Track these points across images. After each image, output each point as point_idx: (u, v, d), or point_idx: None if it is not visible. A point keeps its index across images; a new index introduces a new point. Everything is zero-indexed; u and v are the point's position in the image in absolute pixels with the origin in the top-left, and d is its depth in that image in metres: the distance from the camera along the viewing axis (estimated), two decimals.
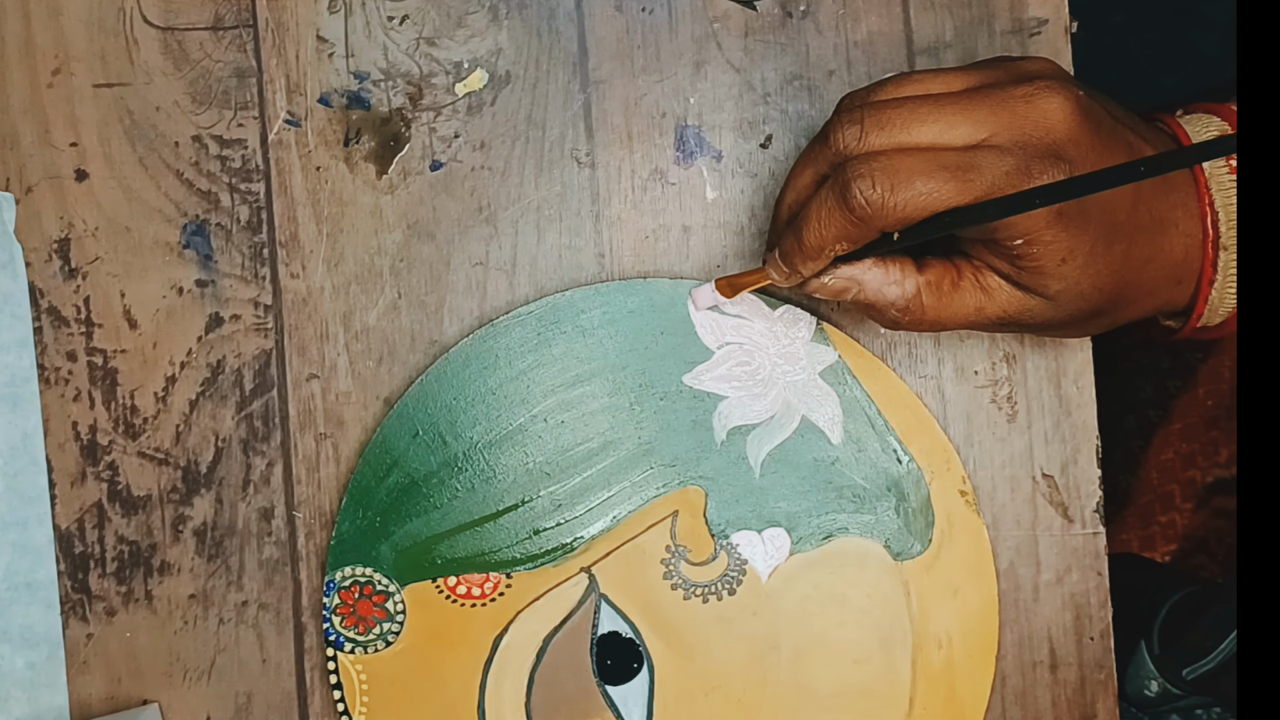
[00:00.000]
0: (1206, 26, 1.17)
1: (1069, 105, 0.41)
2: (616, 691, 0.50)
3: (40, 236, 0.52)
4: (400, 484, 0.51)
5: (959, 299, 0.44)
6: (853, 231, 0.42)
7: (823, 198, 0.42)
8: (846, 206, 0.41)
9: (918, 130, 0.41)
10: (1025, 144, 0.41)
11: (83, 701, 0.51)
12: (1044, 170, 0.40)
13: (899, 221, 0.41)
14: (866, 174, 0.41)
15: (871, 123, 0.42)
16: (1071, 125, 0.41)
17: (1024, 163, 0.40)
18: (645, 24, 0.52)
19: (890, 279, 0.44)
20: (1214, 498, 0.76)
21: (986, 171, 0.40)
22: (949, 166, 0.41)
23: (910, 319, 0.45)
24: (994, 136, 0.41)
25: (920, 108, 0.42)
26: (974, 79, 0.43)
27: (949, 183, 0.40)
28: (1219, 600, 0.65)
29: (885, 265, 0.44)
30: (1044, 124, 0.41)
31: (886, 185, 0.41)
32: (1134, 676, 0.68)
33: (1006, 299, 0.44)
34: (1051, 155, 0.41)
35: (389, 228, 0.52)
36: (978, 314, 0.44)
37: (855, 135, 0.42)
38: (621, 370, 0.51)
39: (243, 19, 0.52)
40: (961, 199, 0.40)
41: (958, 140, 0.41)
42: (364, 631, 0.50)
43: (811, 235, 0.43)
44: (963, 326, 0.45)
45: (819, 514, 0.51)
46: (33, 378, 0.51)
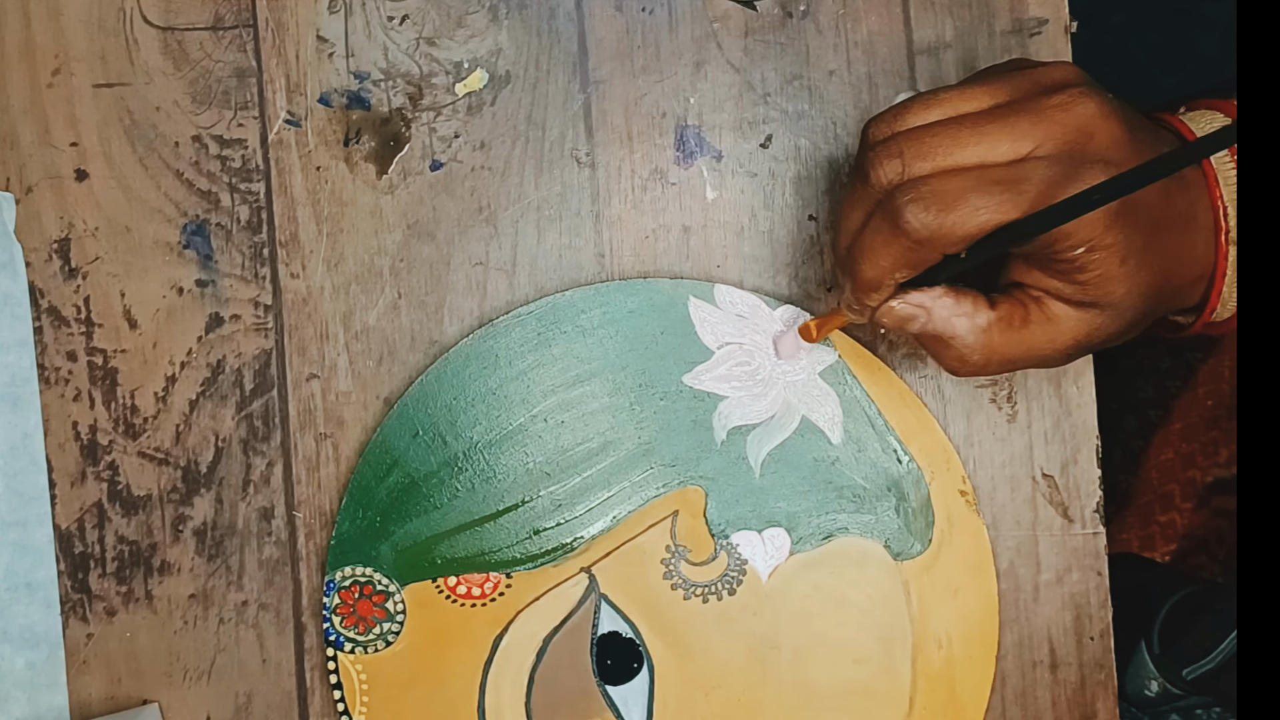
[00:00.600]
0: (1206, 26, 1.17)
1: (1105, 109, 0.41)
2: (616, 691, 0.50)
3: (40, 236, 0.52)
4: (400, 484, 0.51)
5: (1030, 334, 0.43)
6: (910, 257, 0.41)
7: (874, 228, 0.42)
8: (902, 232, 0.41)
9: (962, 155, 0.41)
10: (1070, 152, 0.41)
11: (83, 701, 0.51)
12: (1094, 175, 0.40)
13: (958, 241, 0.41)
14: (917, 198, 0.40)
15: (913, 153, 0.41)
16: (1110, 128, 0.41)
17: (1073, 169, 0.40)
18: (645, 24, 0.52)
19: (961, 310, 0.44)
20: (1214, 497, 0.76)
21: (1038, 182, 0.40)
22: (1000, 180, 0.40)
23: (981, 356, 0.44)
24: (1039, 149, 0.41)
25: (960, 131, 0.41)
26: (1001, 93, 0.43)
27: (1002, 195, 0.40)
28: (1219, 600, 0.65)
29: (956, 296, 0.44)
30: (1085, 130, 0.41)
31: (940, 205, 0.40)
32: (1134, 676, 0.68)
33: (1075, 324, 0.43)
34: (1098, 160, 0.40)
35: (389, 228, 0.52)
36: (1049, 345, 0.44)
37: (897, 170, 0.41)
38: (621, 370, 0.51)
39: (243, 19, 0.52)
40: (1018, 210, 0.40)
41: (1003, 158, 0.41)
42: (364, 631, 0.50)
43: (868, 268, 0.42)
44: (1033, 364, 0.44)
45: (819, 514, 0.51)
46: (33, 378, 0.51)
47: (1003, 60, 0.48)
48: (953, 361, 0.44)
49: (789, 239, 0.52)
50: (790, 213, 0.52)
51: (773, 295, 0.51)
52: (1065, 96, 0.41)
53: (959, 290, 0.44)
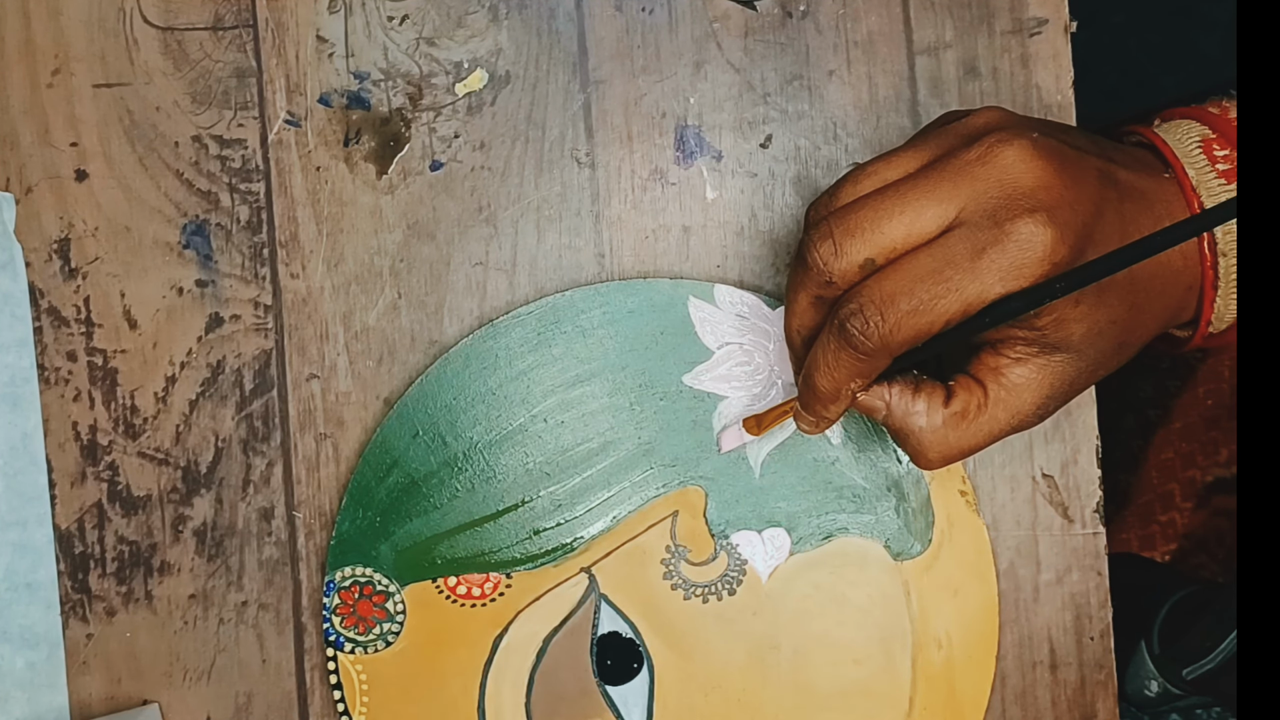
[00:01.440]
0: (1206, 26, 1.17)
1: (1025, 152, 0.40)
2: (616, 691, 0.50)
3: (40, 236, 0.52)
4: (400, 484, 0.51)
5: (989, 419, 0.43)
6: (862, 368, 0.42)
7: (824, 343, 0.42)
8: (849, 346, 0.41)
9: (889, 228, 0.40)
10: (994, 209, 0.40)
11: (83, 701, 0.51)
12: (1019, 229, 0.39)
13: (903, 344, 0.40)
14: (856, 310, 0.40)
15: (841, 232, 0.41)
16: (1034, 171, 0.40)
17: (998, 229, 0.39)
18: (645, 24, 0.52)
19: (916, 409, 0.44)
20: (1214, 497, 0.76)
21: (961, 256, 0.40)
22: (925, 275, 0.40)
23: (938, 455, 0.44)
24: (963, 211, 0.40)
25: (883, 203, 0.41)
26: (927, 153, 0.42)
27: (931, 290, 0.40)
28: (1219, 600, 0.65)
29: (914, 393, 0.44)
30: (1006, 180, 0.40)
31: (877, 316, 0.40)
32: (1134, 676, 0.68)
33: (1038, 383, 0.43)
34: (1024, 209, 0.40)
35: (389, 228, 0.52)
36: (1014, 418, 0.43)
37: (830, 250, 0.41)
38: (621, 370, 0.51)
39: (243, 19, 0.52)
40: (950, 300, 0.40)
41: (930, 227, 0.40)
42: (364, 631, 0.50)
43: (824, 380, 0.43)
44: (1003, 437, 0.44)
45: (819, 514, 0.51)
46: (33, 378, 0.51)
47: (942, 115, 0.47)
48: (913, 456, 0.45)
49: (789, 239, 0.52)
50: (790, 213, 0.52)
51: (773, 295, 0.51)
52: (983, 148, 0.41)
53: (917, 385, 0.44)
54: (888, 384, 0.44)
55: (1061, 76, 0.52)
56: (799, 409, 0.45)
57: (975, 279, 0.39)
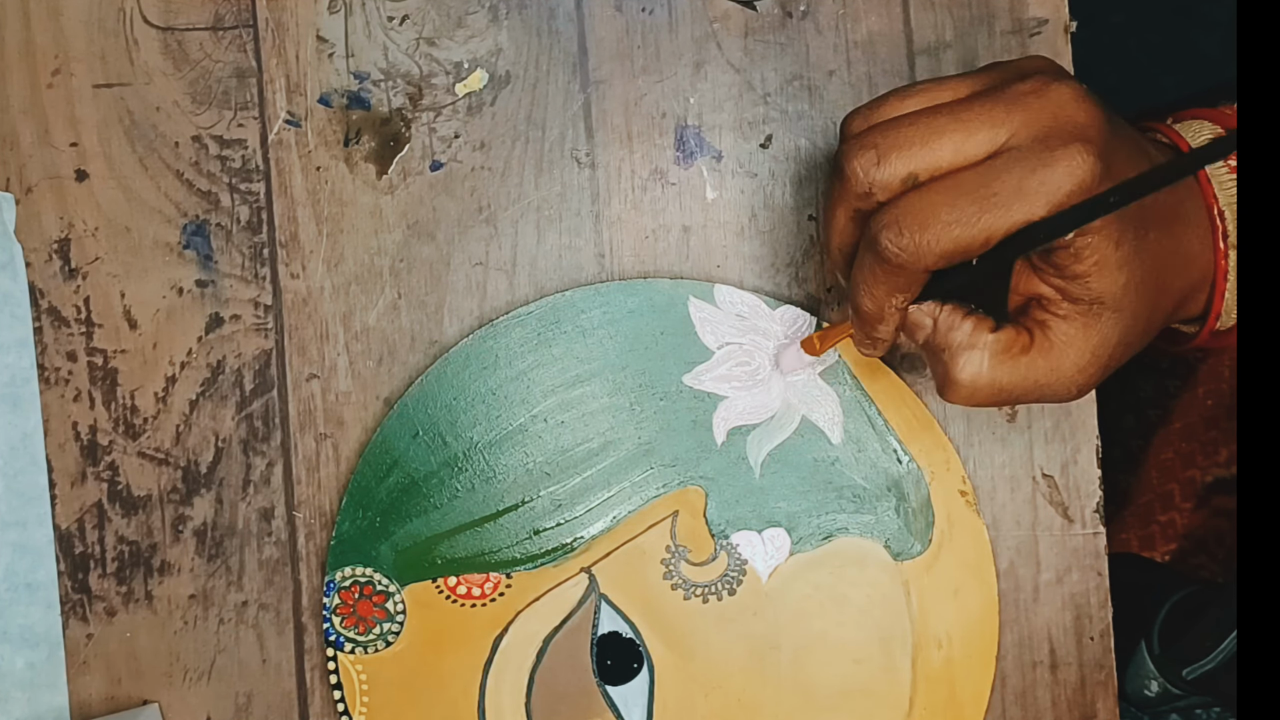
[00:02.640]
0: (1206, 26, 1.17)
1: (1079, 93, 0.41)
2: (616, 691, 0.50)
3: (40, 236, 0.52)
4: (400, 484, 0.51)
5: (1029, 363, 0.43)
6: (898, 281, 0.41)
7: (860, 261, 0.42)
8: (883, 260, 0.40)
9: (937, 145, 0.40)
10: (1045, 136, 0.40)
11: (83, 701, 0.51)
12: (1070, 155, 0.39)
13: (939, 258, 0.40)
14: (891, 222, 0.40)
15: (888, 144, 0.41)
16: (1086, 109, 0.41)
17: (1048, 154, 0.39)
18: (645, 24, 0.52)
19: (961, 328, 0.43)
20: (1214, 497, 0.76)
21: (1009, 176, 0.40)
22: (969, 190, 0.40)
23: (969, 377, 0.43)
24: (1013, 137, 0.40)
25: (935, 120, 0.41)
26: (977, 83, 0.42)
27: (973, 205, 0.39)
28: (1219, 600, 0.65)
29: (962, 315, 0.43)
30: (1060, 113, 0.40)
31: (914, 227, 0.40)
32: (1134, 676, 0.68)
33: (1081, 342, 0.42)
34: (1075, 139, 0.40)
35: (389, 228, 0.52)
36: (1052, 374, 0.43)
37: (872, 160, 0.41)
38: (621, 370, 0.51)
39: (243, 19, 0.52)
40: (991, 216, 0.39)
41: (979, 148, 0.40)
42: (364, 631, 0.50)
43: (865, 300, 0.42)
44: (1035, 395, 0.43)
45: (819, 514, 0.51)
46: (33, 378, 0.51)
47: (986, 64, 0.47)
48: (941, 380, 0.44)
49: (789, 239, 0.52)
50: (790, 213, 0.52)
51: (773, 295, 0.51)
52: (1038, 82, 0.41)
53: (967, 311, 0.44)
54: (939, 305, 0.43)
55: None
56: (854, 333, 0.44)
57: (1021, 199, 0.39)
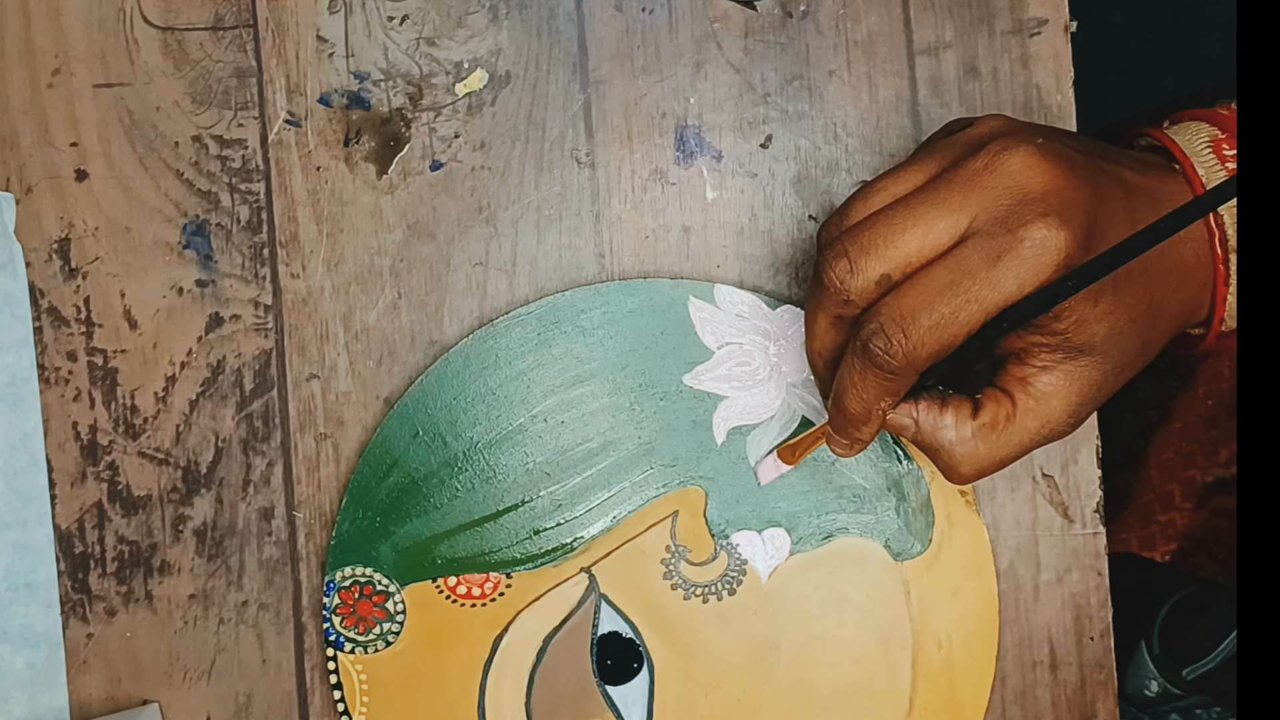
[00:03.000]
0: (1206, 26, 1.17)
1: (1030, 158, 0.41)
2: (616, 691, 0.50)
3: (40, 236, 0.52)
4: (400, 484, 0.51)
5: (1019, 429, 0.43)
6: (890, 386, 0.41)
7: (849, 365, 0.42)
8: (874, 366, 0.41)
9: (902, 242, 0.41)
10: (1004, 216, 0.40)
11: (83, 701, 0.51)
12: (1031, 234, 0.39)
13: (928, 358, 0.40)
14: (877, 329, 0.40)
15: (856, 250, 0.41)
16: (1040, 175, 0.40)
17: (1011, 236, 0.40)
18: (645, 24, 0.52)
19: (944, 423, 0.43)
20: (1214, 497, 0.76)
21: (977, 266, 0.40)
22: (943, 288, 0.40)
23: (970, 468, 0.43)
24: (975, 220, 0.40)
25: (894, 218, 0.41)
26: (933, 165, 0.42)
27: (951, 302, 0.40)
28: (1219, 600, 0.65)
29: (941, 408, 0.44)
30: (1014, 186, 0.40)
31: (898, 333, 0.40)
32: (1134, 676, 0.68)
33: (1066, 391, 0.43)
34: (1035, 215, 0.40)
35: (389, 228, 0.52)
36: (1044, 429, 0.43)
37: (846, 269, 0.41)
38: (621, 370, 0.51)
39: (243, 19, 0.52)
40: (969, 310, 0.40)
41: (943, 238, 0.40)
42: (364, 631, 0.50)
43: (853, 403, 0.42)
44: (1034, 448, 0.44)
45: (819, 514, 0.51)
46: (33, 378, 0.51)
47: (946, 125, 0.47)
48: (945, 472, 0.44)
49: (789, 239, 0.52)
50: (790, 213, 0.52)
51: (773, 295, 0.51)
52: (989, 156, 0.41)
53: (944, 400, 0.44)
54: (914, 401, 0.44)
55: (1061, 77, 0.52)
56: (831, 433, 0.45)
57: (993, 287, 0.40)
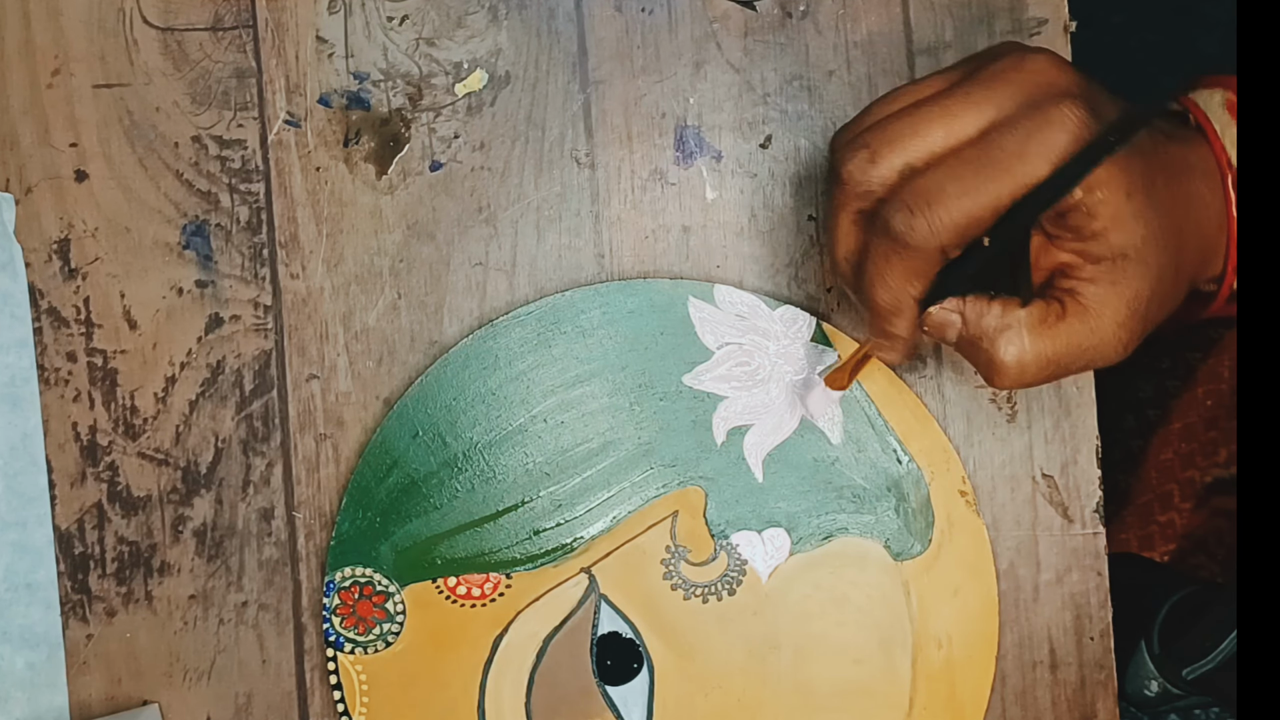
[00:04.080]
0: (1206, 26, 1.17)
1: (1054, 59, 0.41)
2: (616, 691, 0.50)
3: (40, 237, 0.52)
4: (400, 484, 0.51)
5: (1068, 329, 0.42)
6: (915, 266, 0.41)
7: (872, 252, 0.42)
8: (897, 243, 0.40)
9: (927, 133, 0.41)
10: (1032, 102, 0.40)
11: (83, 701, 0.51)
12: (1061, 111, 0.40)
13: (952, 234, 0.40)
14: (900, 205, 0.40)
15: (879, 142, 0.41)
16: (1065, 72, 0.41)
17: (1041, 116, 0.40)
18: (645, 24, 0.52)
19: (992, 312, 0.43)
20: (1213, 498, 0.76)
21: (1005, 144, 0.40)
22: (971, 161, 0.40)
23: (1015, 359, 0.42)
24: (1000, 111, 0.40)
25: (920, 113, 0.41)
26: (951, 75, 0.43)
27: (978, 174, 0.40)
28: (1219, 600, 0.66)
29: (988, 302, 0.43)
30: (1041, 79, 0.41)
31: (922, 205, 0.40)
32: (1134, 676, 0.68)
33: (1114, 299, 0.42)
34: (1063, 96, 0.40)
35: (389, 228, 0.52)
36: (1092, 336, 0.42)
37: (867, 158, 0.41)
38: (621, 370, 0.51)
39: (242, 19, 0.52)
40: (997, 183, 0.40)
41: (968, 128, 0.41)
42: (364, 632, 0.50)
43: (880, 293, 0.42)
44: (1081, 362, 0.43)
45: (819, 514, 0.51)
46: (33, 378, 0.51)
47: None
48: (987, 368, 0.43)
49: (789, 239, 0.52)
50: (790, 213, 0.52)
51: (773, 295, 0.51)
52: (1013, 59, 0.42)
53: (991, 297, 0.43)
54: (960, 298, 0.43)
55: None
56: (874, 339, 0.44)
57: (1022, 161, 0.39)
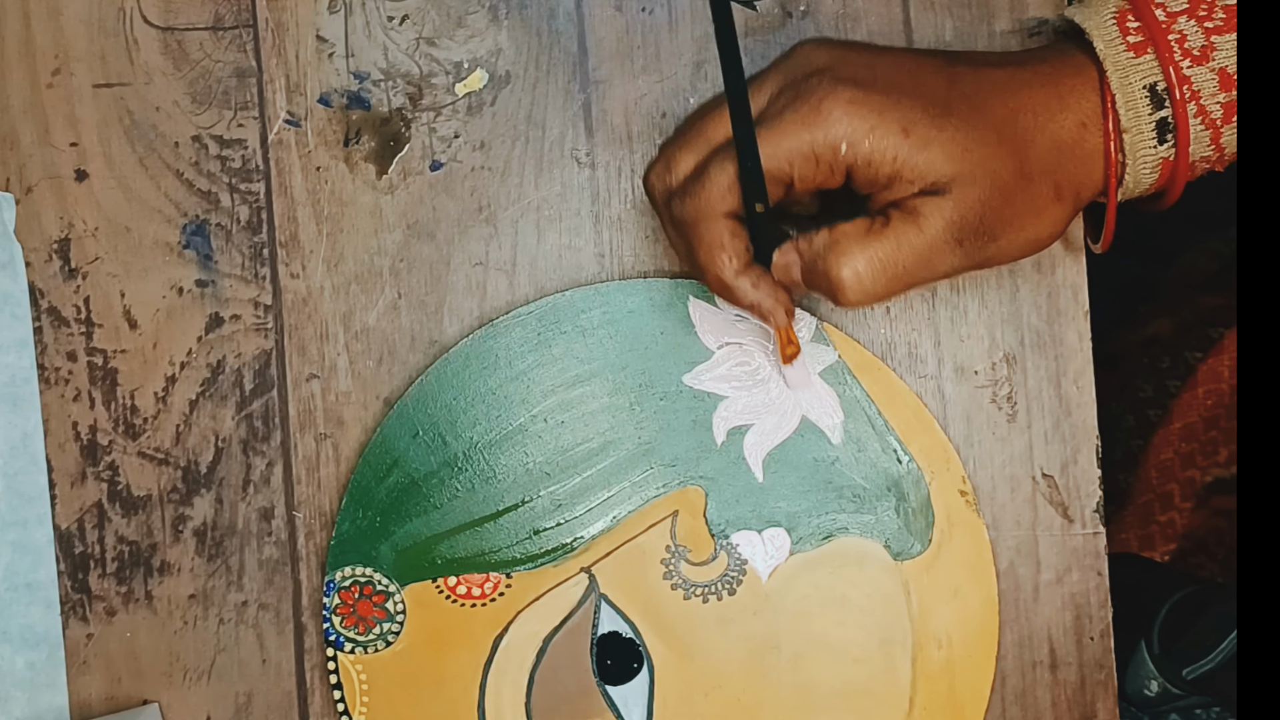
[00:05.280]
0: None
1: (817, 44, 0.45)
2: (616, 691, 0.50)
3: (40, 236, 0.52)
4: (400, 484, 0.51)
5: (896, 234, 0.43)
6: (713, 237, 0.44)
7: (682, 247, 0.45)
8: (684, 224, 0.44)
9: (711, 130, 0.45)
10: (794, 79, 0.44)
11: (83, 701, 0.51)
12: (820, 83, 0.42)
13: (721, 194, 0.43)
14: (678, 192, 0.44)
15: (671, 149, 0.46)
16: (824, 51, 0.44)
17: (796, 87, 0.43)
18: (645, 24, 0.52)
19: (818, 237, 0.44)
20: (1213, 497, 0.76)
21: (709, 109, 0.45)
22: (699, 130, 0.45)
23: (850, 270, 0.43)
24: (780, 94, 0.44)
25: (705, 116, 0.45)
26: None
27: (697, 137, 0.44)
28: (1219, 600, 0.65)
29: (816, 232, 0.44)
30: (801, 63, 0.44)
31: (665, 176, 0.45)
32: (1134, 676, 0.68)
33: (940, 211, 0.42)
34: (817, 71, 0.43)
35: (389, 228, 0.52)
36: (922, 239, 0.42)
37: (665, 166, 0.45)
38: (621, 370, 0.51)
39: (243, 19, 0.52)
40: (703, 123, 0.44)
41: None
42: (364, 631, 0.50)
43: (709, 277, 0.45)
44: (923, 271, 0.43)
45: (819, 514, 0.51)
46: (33, 378, 0.51)
47: None
48: (831, 289, 0.43)
49: None
50: None
51: None
52: (782, 54, 0.45)
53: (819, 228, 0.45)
54: (791, 243, 0.45)
55: None
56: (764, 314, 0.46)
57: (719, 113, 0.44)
